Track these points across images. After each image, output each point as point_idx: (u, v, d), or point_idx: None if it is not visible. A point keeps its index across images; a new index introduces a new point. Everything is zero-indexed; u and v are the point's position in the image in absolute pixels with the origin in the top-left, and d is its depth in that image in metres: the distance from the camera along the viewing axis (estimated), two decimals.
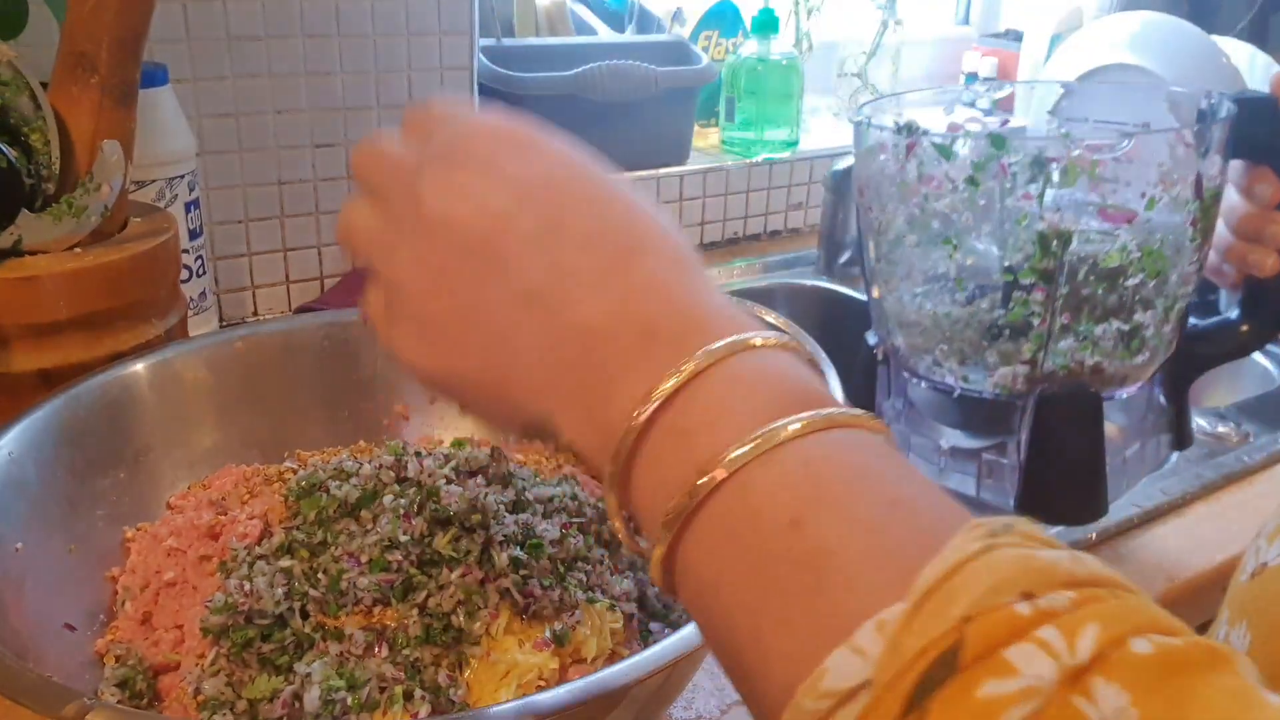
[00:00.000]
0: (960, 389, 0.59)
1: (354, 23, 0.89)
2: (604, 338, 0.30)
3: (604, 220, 0.32)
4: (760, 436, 0.26)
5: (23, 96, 0.57)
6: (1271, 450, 0.78)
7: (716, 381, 0.28)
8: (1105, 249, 0.54)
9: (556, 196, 0.32)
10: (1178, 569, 0.63)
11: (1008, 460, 0.59)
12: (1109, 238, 0.54)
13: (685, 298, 0.31)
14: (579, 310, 0.30)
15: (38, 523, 0.47)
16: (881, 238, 0.60)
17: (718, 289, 0.32)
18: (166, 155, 0.76)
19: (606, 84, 1.02)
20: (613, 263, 0.31)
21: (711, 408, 0.28)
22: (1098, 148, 0.53)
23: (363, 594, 0.44)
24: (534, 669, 0.43)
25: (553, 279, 0.31)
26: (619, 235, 0.32)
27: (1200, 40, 1.08)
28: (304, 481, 0.51)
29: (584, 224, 0.32)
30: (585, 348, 0.30)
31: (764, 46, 1.18)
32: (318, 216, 0.93)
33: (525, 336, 0.31)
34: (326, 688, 0.40)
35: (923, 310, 0.59)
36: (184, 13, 0.82)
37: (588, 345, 0.30)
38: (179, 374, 0.58)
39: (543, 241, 0.31)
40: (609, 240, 0.32)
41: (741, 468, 0.26)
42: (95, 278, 0.57)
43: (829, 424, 0.27)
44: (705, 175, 1.16)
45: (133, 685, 0.44)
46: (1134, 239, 0.54)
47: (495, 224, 0.32)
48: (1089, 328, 0.55)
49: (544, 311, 0.31)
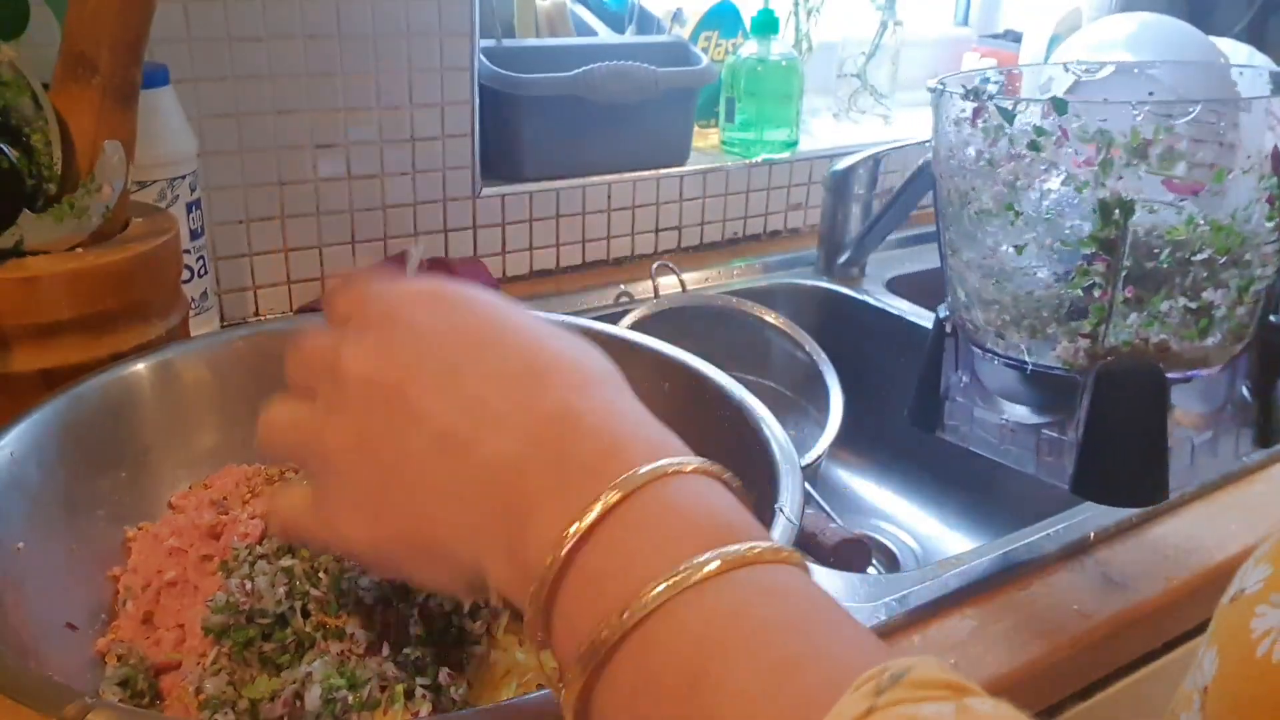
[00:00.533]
0: (1025, 363, 0.57)
1: (354, 23, 0.89)
2: (516, 472, 0.30)
3: (505, 356, 0.32)
4: (678, 575, 0.26)
5: (24, 97, 0.57)
6: (1271, 451, 0.78)
7: (634, 513, 0.28)
8: (1170, 221, 0.51)
9: (460, 339, 0.33)
10: (1176, 570, 0.63)
11: (1067, 438, 0.58)
12: (1175, 209, 0.52)
13: (598, 423, 0.30)
14: (488, 446, 0.30)
15: (39, 522, 0.47)
16: (956, 209, 0.59)
17: (636, 407, 0.32)
18: (168, 156, 0.76)
19: (607, 85, 1.03)
20: (518, 394, 0.31)
21: (629, 544, 0.28)
22: (1165, 114, 0.51)
23: (363, 593, 0.44)
24: (534, 669, 0.43)
25: (461, 418, 0.31)
26: (522, 366, 0.32)
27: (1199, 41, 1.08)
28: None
29: (487, 361, 0.32)
30: (500, 483, 0.30)
31: (764, 47, 1.18)
32: (318, 217, 0.94)
33: (445, 481, 0.31)
34: (327, 687, 0.40)
35: (993, 283, 0.58)
36: (185, 13, 0.82)
37: (502, 481, 0.30)
38: (180, 374, 0.58)
39: (448, 383, 0.32)
40: (511, 373, 0.32)
41: (645, 618, 0.26)
42: (97, 278, 0.57)
43: (744, 561, 0.26)
44: (705, 176, 1.16)
45: (134, 685, 0.44)
46: (1201, 212, 0.51)
47: (403, 374, 0.32)
48: (1154, 303, 0.53)
49: (457, 451, 0.31)
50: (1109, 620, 0.59)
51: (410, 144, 0.96)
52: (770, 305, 0.98)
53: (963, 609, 0.59)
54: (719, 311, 0.97)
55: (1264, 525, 0.68)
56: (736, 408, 0.55)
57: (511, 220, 1.05)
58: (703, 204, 1.17)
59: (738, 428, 0.54)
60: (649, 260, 1.12)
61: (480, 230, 1.03)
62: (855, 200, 1.10)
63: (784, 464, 0.49)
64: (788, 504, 0.46)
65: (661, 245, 1.16)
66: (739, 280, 1.12)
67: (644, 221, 1.14)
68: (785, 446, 0.50)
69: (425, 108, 0.95)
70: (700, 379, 0.58)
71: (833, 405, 0.90)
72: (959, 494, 1.01)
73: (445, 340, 0.33)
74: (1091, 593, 0.61)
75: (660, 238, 1.16)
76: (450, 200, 1.00)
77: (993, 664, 0.55)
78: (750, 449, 0.52)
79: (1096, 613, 0.59)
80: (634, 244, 1.14)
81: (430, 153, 0.97)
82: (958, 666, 0.54)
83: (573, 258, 1.10)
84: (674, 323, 0.92)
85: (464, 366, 0.32)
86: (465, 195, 1.01)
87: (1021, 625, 0.58)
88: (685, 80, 1.10)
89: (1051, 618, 0.59)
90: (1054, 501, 0.71)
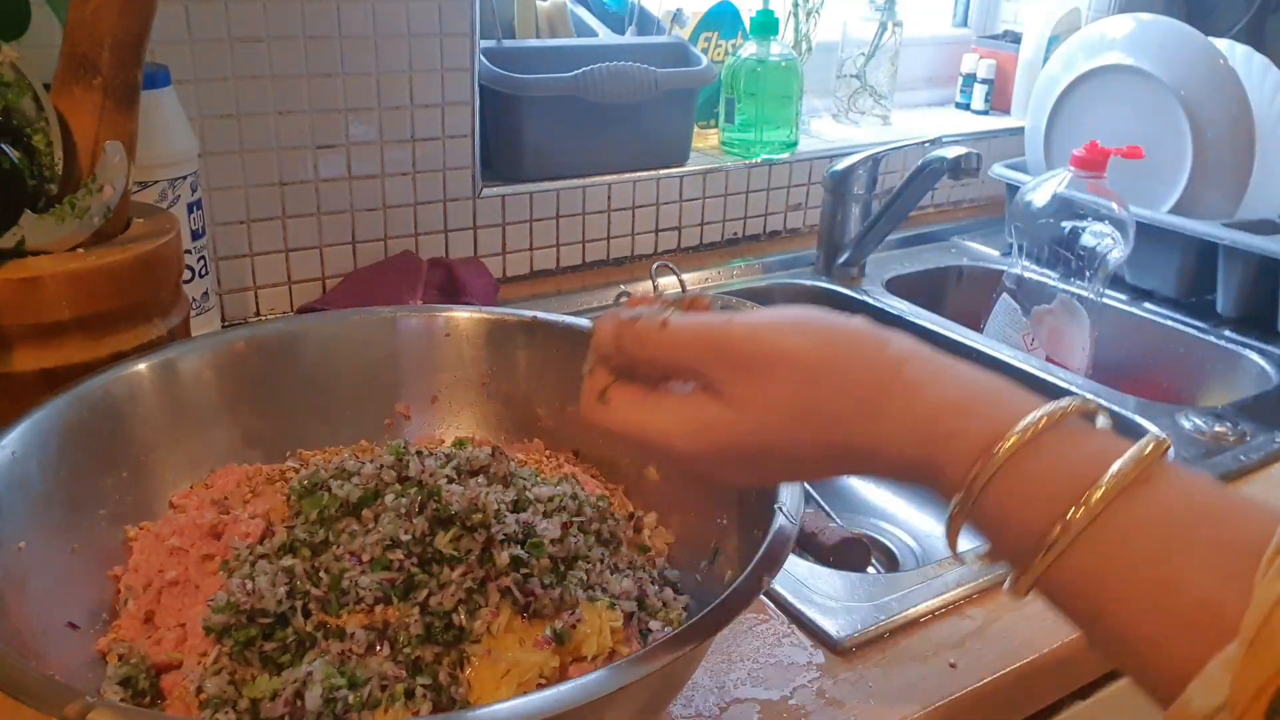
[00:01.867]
0: None
1: (355, 24, 0.89)
2: (958, 410, 0.38)
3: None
4: (1131, 463, 0.33)
5: (25, 98, 0.57)
6: (1268, 450, 0.79)
7: (1061, 432, 0.35)
8: None
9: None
10: None
11: None
12: None
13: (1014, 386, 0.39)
14: (932, 390, 0.38)
15: (40, 522, 0.47)
16: None
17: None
18: (169, 156, 0.76)
19: (607, 85, 1.03)
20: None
21: (1066, 454, 0.35)
22: None
23: (364, 593, 0.44)
24: (534, 667, 0.43)
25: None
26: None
27: (1198, 41, 1.08)
28: (306, 481, 0.51)
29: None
30: (944, 411, 0.38)
31: (763, 48, 1.18)
32: (319, 217, 0.94)
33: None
34: (328, 686, 0.40)
35: None
36: (186, 14, 0.82)
37: (945, 412, 0.38)
38: (181, 374, 0.59)
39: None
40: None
41: (1108, 506, 0.33)
42: (98, 278, 0.57)
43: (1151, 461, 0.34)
44: (705, 176, 1.16)
45: (135, 684, 0.44)
46: None
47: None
48: None
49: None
50: None
51: (411, 144, 0.96)
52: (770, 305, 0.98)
53: (963, 609, 0.59)
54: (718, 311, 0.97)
55: None
56: None
57: (511, 220, 1.05)
58: (702, 204, 1.17)
59: None
60: (649, 260, 1.12)
61: (480, 230, 1.03)
62: (855, 200, 1.10)
63: None
64: (787, 503, 0.46)
65: (661, 245, 1.17)
66: (739, 280, 1.12)
67: (644, 222, 1.14)
68: None
69: (425, 108, 0.95)
70: None
71: None
72: None
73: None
74: None
75: (660, 238, 1.16)
76: (450, 200, 1.00)
77: (993, 664, 0.55)
78: None
79: None
80: (634, 244, 1.14)
81: (431, 153, 0.97)
82: (957, 666, 0.54)
83: (573, 258, 1.11)
84: None
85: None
86: (465, 195, 1.01)
87: (1021, 625, 0.58)
88: (685, 81, 1.10)
89: (1051, 617, 0.58)
90: None
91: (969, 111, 1.51)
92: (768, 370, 0.39)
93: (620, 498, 0.61)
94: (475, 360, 0.66)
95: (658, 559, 0.56)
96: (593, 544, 0.51)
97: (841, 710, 0.51)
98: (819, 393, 0.39)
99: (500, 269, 1.06)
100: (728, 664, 0.54)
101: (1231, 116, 1.06)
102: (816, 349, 0.39)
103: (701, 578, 0.54)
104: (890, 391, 0.38)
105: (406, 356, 0.65)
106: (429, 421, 0.66)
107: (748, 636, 0.56)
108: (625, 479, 0.62)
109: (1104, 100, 1.16)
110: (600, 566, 0.50)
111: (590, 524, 0.52)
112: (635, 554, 0.55)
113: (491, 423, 0.66)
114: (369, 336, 0.65)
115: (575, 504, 0.52)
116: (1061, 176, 1.01)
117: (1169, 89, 1.08)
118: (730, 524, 0.53)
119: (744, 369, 0.40)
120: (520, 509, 0.50)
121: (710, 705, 0.51)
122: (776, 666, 0.54)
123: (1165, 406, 0.85)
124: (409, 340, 0.65)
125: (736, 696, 0.52)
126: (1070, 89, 1.19)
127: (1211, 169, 1.08)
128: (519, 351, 0.65)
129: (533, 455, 0.63)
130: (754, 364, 0.39)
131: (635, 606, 0.49)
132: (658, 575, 0.53)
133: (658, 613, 0.50)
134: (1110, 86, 1.15)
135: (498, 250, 1.05)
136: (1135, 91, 1.12)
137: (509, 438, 0.65)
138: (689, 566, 0.55)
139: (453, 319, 0.66)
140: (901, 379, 0.38)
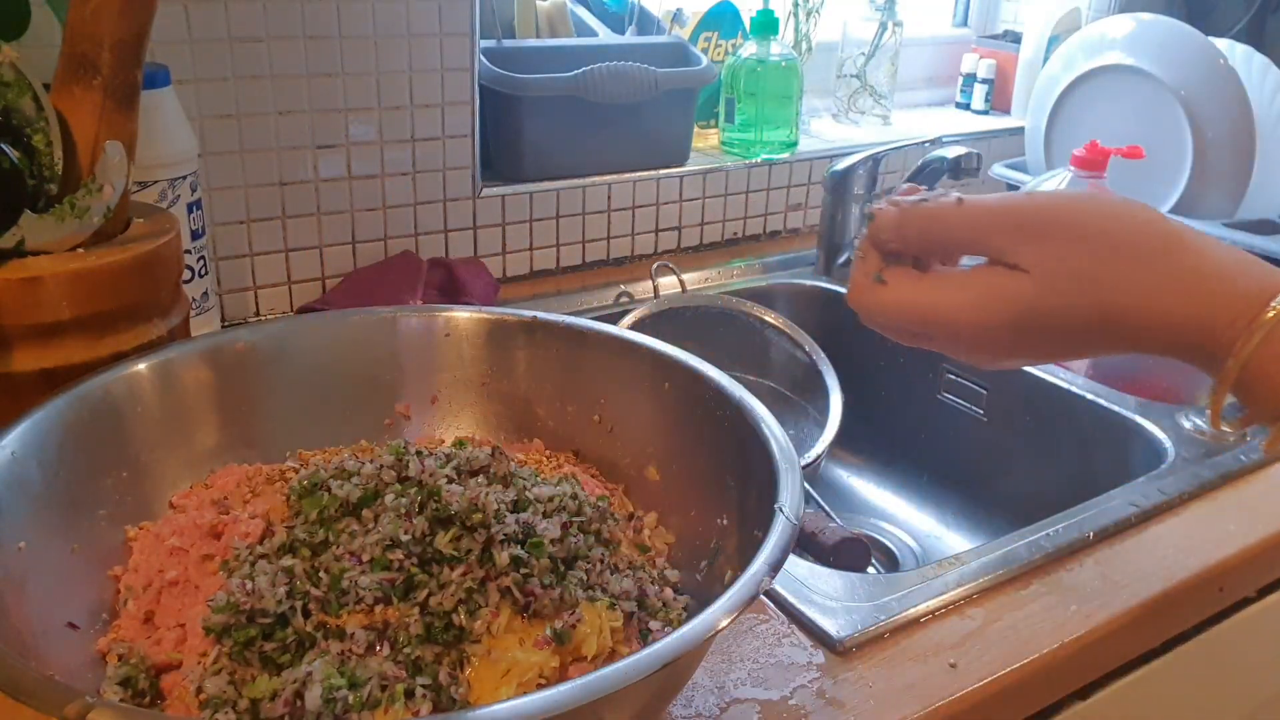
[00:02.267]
0: None
1: (355, 24, 0.89)
2: (1221, 277, 0.43)
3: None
4: None
5: (25, 98, 0.57)
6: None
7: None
8: None
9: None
10: (1175, 569, 0.63)
11: None
12: None
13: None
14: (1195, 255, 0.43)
15: (40, 522, 0.47)
16: None
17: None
18: (168, 156, 0.76)
19: (607, 85, 1.03)
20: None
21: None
22: None
23: (364, 593, 0.44)
24: (534, 667, 0.43)
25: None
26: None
27: (1198, 41, 1.08)
28: (306, 481, 0.51)
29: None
30: (1211, 280, 0.43)
31: (763, 48, 1.18)
32: (319, 217, 0.94)
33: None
34: (328, 686, 0.40)
35: None
36: (186, 14, 0.82)
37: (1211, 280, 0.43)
38: (181, 374, 0.59)
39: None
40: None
41: None
42: (98, 278, 0.57)
43: None
44: (705, 176, 1.16)
45: (135, 684, 0.44)
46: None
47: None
48: None
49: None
50: (1109, 620, 0.59)
51: (410, 144, 0.96)
52: (770, 305, 0.99)
53: (963, 609, 0.59)
54: (719, 312, 0.97)
55: (1262, 525, 0.68)
56: (736, 407, 0.55)
57: (511, 220, 1.05)
58: (702, 204, 1.17)
59: (737, 427, 0.54)
60: (649, 260, 1.12)
61: (480, 230, 1.03)
62: (855, 200, 1.10)
63: (783, 463, 0.49)
64: (787, 503, 0.46)
65: (661, 245, 1.17)
66: (739, 280, 1.12)
67: (644, 222, 1.14)
68: (785, 446, 0.51)
69: (425, 108, 0.95)
70: (700, 379, 0.58)
71: (832, 405, 0.90)
72: (959, 494, 1.01)
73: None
74: (1091, 593, 0.61)
75: (660, 238, 1.16)
76: (450, 200, 1.00)
77: (993, 664, 0.55)
78: (750, 449, 0.52)
79: (1096, 613, 0.59)
80: (634, 244, 1.14)
81: (430, 153, 0.97)
82: (957, 666, 0.54)
83: (573, 258, 1.11)
84: (674, 323, 0.93)
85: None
86: (465, 195, 1.01)
87: (1021, 625, 0.58)
88: (685, 81, 1.10)
89: (1051, 618, 0.59)
90: (1054, 501, 0.71)
91: (969, 111, 1.51)
92: (1064, 235, 0.44)
93: (620, 498, 0.61)
94: (475, 360, 0.66)
95: (658, 559, 0.56)
96: (593, 544, 0.51)
97: (841, 710, 0.51)
98: (1114, 257, 0.43)
99: (500, 269, 1.06)
100: (728, 664, 0.54)
101: (1231, 116, 1.06)
102: (1109, 218, 0.44)
103: (701, 578, 0.54)
104: (1171, 255, 0.43)
105: (406, 357, 0.65)
106: (429, 421, 0.66)
107: (748, 636, 0.56)
108: (625, 479, 0.62)
109: (1104, 100, 1.16)
110: (600, 566, 0.50)
111: (590, 524, 0.52)
112: (635, 554, 0.55)
113: (491, 423, 0.66)
114: (369, 337, 0.65)
115: (575, 504, 0.52)
116: (1062, 176, 1.01)
117: (1169, 89, 1.08)
118: (730, 524, 0.53)
119: (1042, 236, 0.44)
120: (520, 509, 0.50)
121: (710, 705, 0.51)
122: (776, 666, 0.54)
123: (1165, 406, 0.85)
124: (409, 340, 0.65)
125: (736, 696, 0.52)
126: (1070, 89, 1.19)
127: (1211, 169, 1.08)
128: (519, 351, 0.65)
129: (533, 455, 0.63)
130: (1052, 229, 0.44)
131: (635, 606, 0.49)
132: (658, 575, 0.53)
133: (658, 613, 0.50)
134: (1110, 86, 1.15)
135: (498, 250, 1.05)
136: (1135, 91, 1.12)
137: (509, 438, 0.65)
138: (689, 566, 0.55)
139: (453, 319, 0.66)
140: (1183, 243, 0.43)
